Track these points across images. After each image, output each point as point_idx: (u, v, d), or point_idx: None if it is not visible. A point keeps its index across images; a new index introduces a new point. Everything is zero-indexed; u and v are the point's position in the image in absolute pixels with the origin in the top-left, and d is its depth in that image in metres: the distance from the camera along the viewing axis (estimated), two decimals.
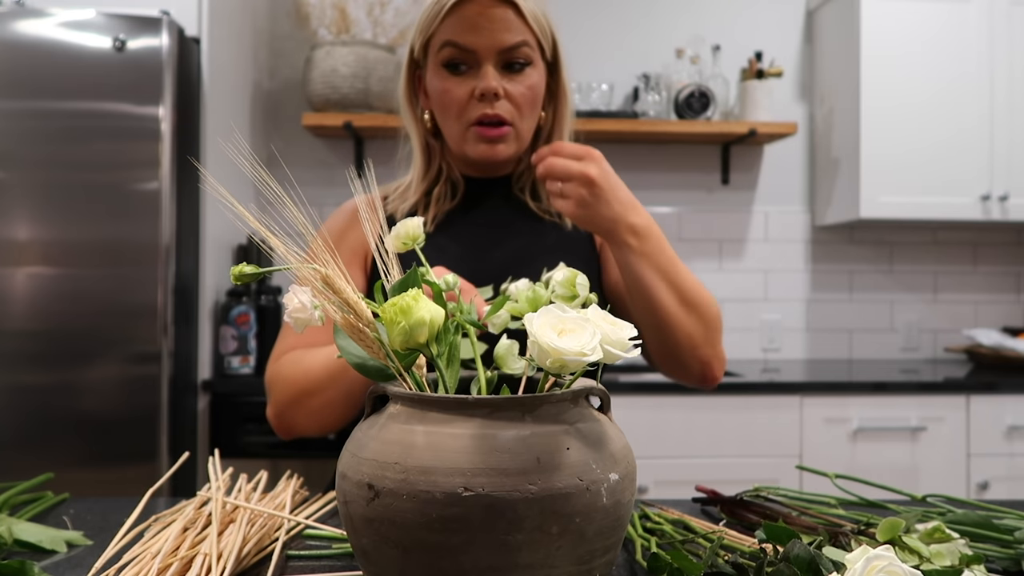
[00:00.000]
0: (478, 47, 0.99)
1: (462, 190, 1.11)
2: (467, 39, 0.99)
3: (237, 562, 0.65)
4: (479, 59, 1.00)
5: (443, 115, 1.05)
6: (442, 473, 0.48)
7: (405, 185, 1.12)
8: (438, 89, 1.03)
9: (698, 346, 0.98)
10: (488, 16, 0.98)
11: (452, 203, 1.10)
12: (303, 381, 0.96)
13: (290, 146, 2.69)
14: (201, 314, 2.11)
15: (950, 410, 2.23)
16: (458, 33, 0.99)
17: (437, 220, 1.09)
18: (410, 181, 1.12)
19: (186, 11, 2.05)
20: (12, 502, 0.85)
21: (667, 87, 2.64)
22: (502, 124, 1.02)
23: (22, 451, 1.84)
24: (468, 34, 0.99)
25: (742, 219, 2.83)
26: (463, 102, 1.01)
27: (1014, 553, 0.69)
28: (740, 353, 2.81)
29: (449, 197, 1.10)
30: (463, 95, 1.01)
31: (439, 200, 1.09)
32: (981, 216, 2.51)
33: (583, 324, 0.51)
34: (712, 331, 0.99)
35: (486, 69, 1.00)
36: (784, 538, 0.61)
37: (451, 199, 1.10)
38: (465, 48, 0.99)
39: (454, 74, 1.01)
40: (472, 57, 1.00)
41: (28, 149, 1.87)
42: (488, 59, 1.00)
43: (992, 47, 2.51)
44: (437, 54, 1.02)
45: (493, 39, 0.99)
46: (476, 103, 1.01)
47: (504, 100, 1.01)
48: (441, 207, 1.09)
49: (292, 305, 0.54)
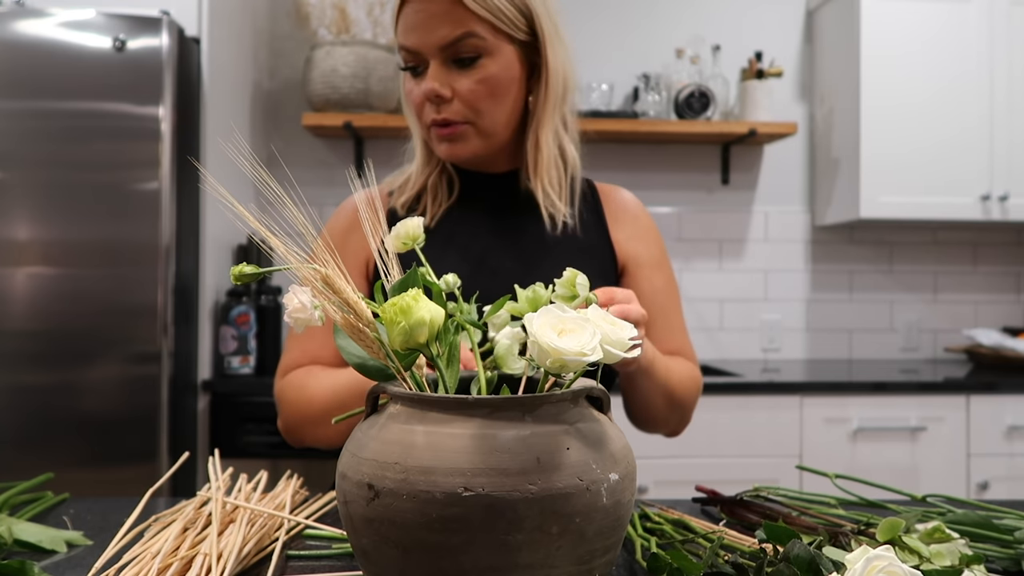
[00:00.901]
0: (419, 46, 0.96)
1: (458, 186, 1.08)
2: (410, 40, 0.97)
3: (237, 562, 0.65)
4: (425, 59, 0.98)
5: (410, 117, 1.05)
6: (442, 473, 0.48)
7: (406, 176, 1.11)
8: (404, 91, 1.03)
9: (674, 431, 1.11)
10: (427, 12, 0.95)
11: (451, 199, 1.08)
12: (307, 411, 0.99)
13: (290, 146, 2.69)
14: (201, 314, 2.12)
15: (950, 410, 2.23)
16: (404, 35, 0.97)
17: (438, 217, 1.06)
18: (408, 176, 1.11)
19: (186, 11, 2.05)
20: (12, 502, 0.85)
21: (667, 87, 2.64)
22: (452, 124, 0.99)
23: (22, 451, 1.84)
24: (411, 34, 0.96)
25: (742, 219, 2.83)
26: (417, 104, 1.00)
27: (1014, 553, 0.69)
28: (740, 353, 2.81)
29: (447, 192, 1.08)
30: (416, 97, 1.00)
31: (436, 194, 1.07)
32: (981, 216, 2.51)
33: (583, 324, 0.51)
34: (688, 416, 1.10)
35: (431, 70, 0.97)
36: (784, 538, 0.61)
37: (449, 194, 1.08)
38: (410, 50, 0.97)
39: (413, 75, 1.00)
40: (420, 57, 0.98)
41: (28, 149, 1.87)
42: (433, 57, 0.97)
43: (992, 47, 2.51)
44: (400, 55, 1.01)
45: (430, 36, 0.95)
46: (429, 105, 0.99)
47: (455, 100, 0.98)
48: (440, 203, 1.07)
49: (292, 305, 0.54)
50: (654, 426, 1.08)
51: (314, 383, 0.99)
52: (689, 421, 1.10)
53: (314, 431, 0.99)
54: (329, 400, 0.96)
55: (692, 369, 1.09)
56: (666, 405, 1.03)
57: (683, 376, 1.05)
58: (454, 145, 1.00)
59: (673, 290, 1.13)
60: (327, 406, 0.96)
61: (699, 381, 1.10)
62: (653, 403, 1.02)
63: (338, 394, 0.94)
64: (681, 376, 1.04)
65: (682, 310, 1.15)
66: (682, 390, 1.04)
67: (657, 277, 1.11)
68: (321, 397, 0.97)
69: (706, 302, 2.80)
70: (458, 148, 1.00)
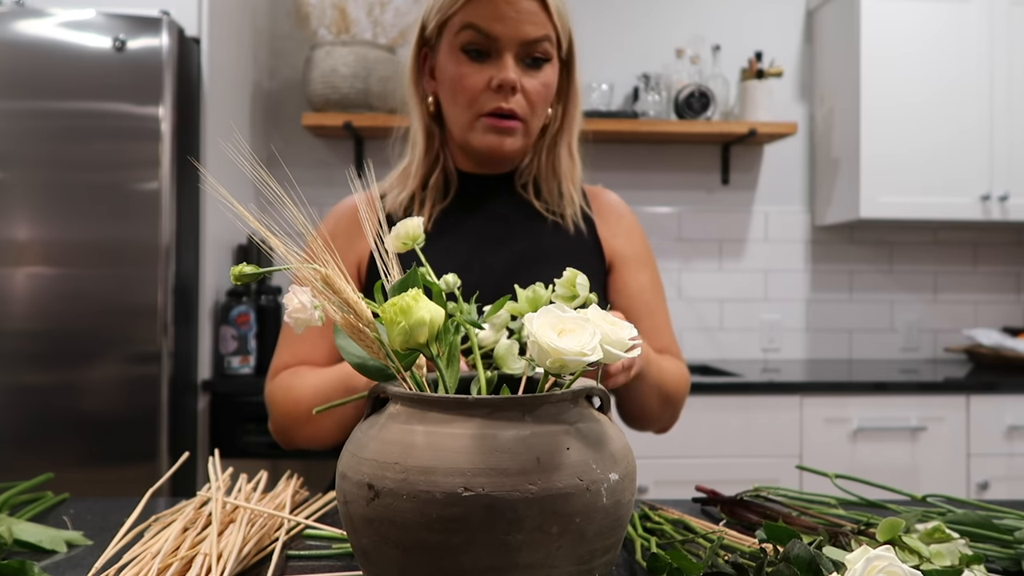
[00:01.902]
0: (501, 35, 0.96)
1: (456, 185, 1.08)
2: (491, 25, 0.96)
3: (237, 562, 0.65)
4: (500, 48, 0.97)
5: (452, 100, 1.01)
6: (442, 473, 0.48)
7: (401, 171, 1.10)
8: (452, 73, 1.00)
9: (665, 427, 1.13)
10: (515, 5, 0.96)
11: (446, 200, 1.07)
12: (293, 412, 0.99)
13: (290, 146, 2.69)
14: (201, 314, 2.12)
15: (950, 410, 2.23)
16: (482, 18, 0.96)
17: (434, 217, 1.06)
18: (407, 166, 1.09)
19: (186, 11, 2.05)
20: (12, 502, 0.85)
21: (667, 87, 2.64)
22: (513, 118, 1.00)
23: (22, 451, 1.84)
24: (493, 21, 0.96)
25: (742, 219, 2.83)
26: (477, 90, 0.99)
27: (1014, 553, 0.69)
28: (740, 353, 2.81)
29: (443, 191, 1.07)
30: (478, 83, 0.98)
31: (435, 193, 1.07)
32: (981, 216, 2.51)
33: (583, 324, 0.51)
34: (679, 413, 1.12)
35: (506, 59, 0.97)
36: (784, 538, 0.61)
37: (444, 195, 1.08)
38: (488, 34, 0.97)
39: (472, 60, 0.99)
40: (493, 45, 0.97)
41: (28, 149, 1.87)
42: (509, 49, 0.97)
43: (992, 47, 2.51)
44: (456, 36, 0.98)
45: (517, 30, 0.96)
46: (491, 94, 0.98)
47: (519, 95, 0.99)
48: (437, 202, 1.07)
49: (292, 305, 0.54)
50: (647, 424, 1.11)
51: (299, 383, 0.99)
52: (678, 418, 1.13)
53: (303, 431, 1.00)
54: (314, 398, 0.96)
55: (681, 367, 1.12)
56: (660, 405, 1.05)
57: (675, 375, 1.07)
58: (504, 138, 1.01)
59: (658, 288, 1.15)
60: (312, 405, 0.95)
61: (688, 378, 1.13)
62: (648, 404, 1.04)
63: (324, 392, 0.95)
64: (673, 375, 1.06)
65: (667, 308, 1.16)
66: (675, 389, 1.07)
67: (643, 274, 1.13)
68: (307, 396, 0.97)
69: (706, 302, 2.80)
70: (507, 142, 1.01)
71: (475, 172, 1.09)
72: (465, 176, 1.09)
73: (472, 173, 1.09)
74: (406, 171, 1.09)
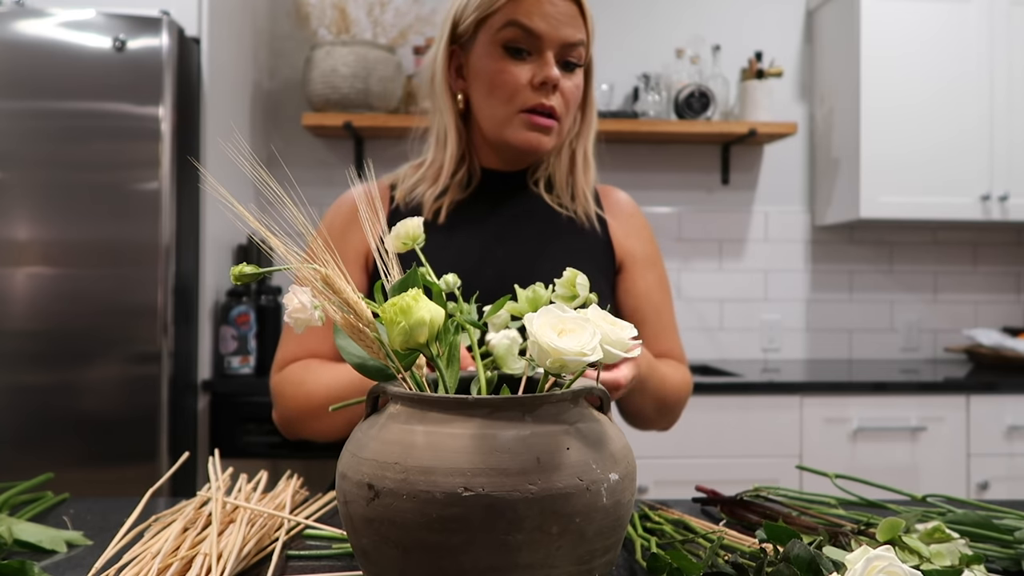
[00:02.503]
0: (544, 34, 0.98)
1: (477, 180, 1.09)
2: (537, 24, 0.97)
3: (237, 562, 0.65)
4: (541, 47, 0.98)
5: (489, 97, 1.01)
6: (442, 473, 0.48)
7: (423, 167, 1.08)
8: (491, 69, 1.00)
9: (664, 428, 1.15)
10: (557, 7, 0.98)
11: (465, 194, 1.08)
12: (305, 406, 1.00)
13: (290, 146, 2.69)
14: (201, 314, 2.12)
15: (950, 410, 2.23)
16: (527, 16, 0.97)
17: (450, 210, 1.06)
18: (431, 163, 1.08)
19: (186, 11, 2.05)
20: (12, 502, 0.85)
21: (667, 87, 2.64)
22: (552, 116, 1.01)
23: (22, 451, 1.84)
24: (538, 19, 0.97)
25: (742, 219, 2.83)
26: (518, 87, 0.99)
27: (1014, 553, 0.69)
28: (740, 353, 2.81)
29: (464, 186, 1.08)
30: (520, 80, 0.99)
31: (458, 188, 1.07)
32: (981, 216, 2.51)
33: (583, 324, 0.51)
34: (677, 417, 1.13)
35: (547, 57, 0.98)
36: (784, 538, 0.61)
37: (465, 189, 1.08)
38: (532, 32, 0.97)
39: (514, 57, 0.99)
40: (535, 43, 0.98)
41: (28, 149, 1.87)
42: (550, 48, 0.99)
43: (992, 47, 2.51)
44: (497, 33, 0.99)
45: (559, 30, 0.98)
46: (532, 91, 0.99)
47: (558, 93, 1.00)
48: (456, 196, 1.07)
49: (292, 305, 0.54)
50: (645, 426, 1.13)
51: (312, 378, 1.00)
52: (678, 419, 1.14)
53: (312, 425, 1.01)
54: (328, 396, 0.96)
55: (683, 372, 1.13)
56: (656, 412, 1.07)
57: (675, 383, 1.08)
58: (543, 136, 1.02)
59: (666, 289, 1.15)
60: (326, 402, 0.96)
61: (690, 383, 1.14)
62: (644, 410, 1.06)
63: (338, 391, 0.95)
64: (673, 383, 1.08)
65: (673, 309, 1.17)
66: (674, 397, 1.08)
67: (650, 275, 1.13)
68: (320, 393, 0.98)
69: (706, 302, 2.80)
70: (544, 140, 1.02)
71: (497, 169, 1.10)
72: (486, 172, 1.10)
73: (494, 170, 1.10)
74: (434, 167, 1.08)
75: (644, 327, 1.11)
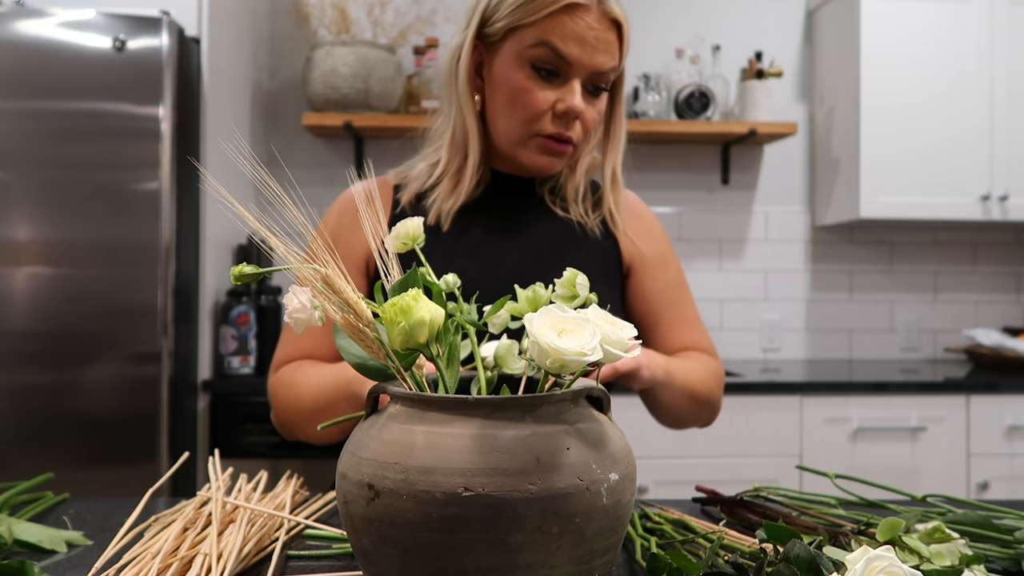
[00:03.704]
0: (576, 61, 0.94)
1: (486, 181, 1.06)
2: (571, 49, 0.93)
3: (237, 562, 0.65)
4: (570, 73, 0.95)
5: (508, 111, 0.98)
6: (442, 473, 0.48)
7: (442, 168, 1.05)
8: (515, 86, 0.96)
9: (706, 423, 1.13)
10: (596, 33, 0.93)
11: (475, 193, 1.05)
12: (295, 408, 0.99)
13: (290, 146, 2.69)
14: (201, 314, 2.11)
15: (950, 410, 2.23)
16: (562, 39, 0.93)
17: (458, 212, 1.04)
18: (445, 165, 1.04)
19: (186, 11, 2.05)
20: (12, 502, 0.85)
21: (667, 87, 2.64)
22: (569, 143, 0.99)
23: (22, 451, 1.84)
24: (573, 44, 0.93)
25: (742, 219, 2.83)
26: (540, 111, 0.96)
27: (1014, 553, 0.69)
28: (740, 353, 2.81)
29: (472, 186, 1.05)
30: (543, 104, 0.96)
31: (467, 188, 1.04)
32: (981, 216, 2.51)
33: (583, 324, 0.51)
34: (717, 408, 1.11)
35: (574, 85, 0.95)
36: (784, 538, 0.61)
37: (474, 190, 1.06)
38: (564, 57, 0.93)
39: (539, 77, 0.95)
40: (565, 68, 0.95)
41: (28, 149, 1.87)
42: (579, 75, 0.95)
43: (992, 47, 2.51)
44: (527, 48, 0.94)
45: (593, 59, 0.94)
46: (553, 117, 0.96)
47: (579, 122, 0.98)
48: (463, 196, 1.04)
49: (292, 305, 0.54)
50: (685, 424, 1.11)
51: (302, 380, 0.99)
52: (719, 410, 1.12)
53: (303, 428, 1.00)
54: (314, 398, 0.96)
55: (711, 362, 1.10)
56: (692, 406, 1.05)
57: (703, 374, 1.06)
58: (556, 159, 1.01)
59: (682, 284, 1.14)
60: (312, 404, 0.96)
61: (720, 372, 1.11)
62: (679, 407, 1.04)
63: (322, 393, 0.95)
64: (701, 375, 1.05)
65: (694, 303, 1.15)
66: (705, 388, 1.06)
67: (662, 274, 1.12)
68: (308, 396, 0.97)
69: (706, 302, 2.80)
70: (556, 163, 1.02)
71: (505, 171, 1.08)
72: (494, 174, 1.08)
73: (502, 172, 1.08)
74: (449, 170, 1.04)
75: (659, 326, 1.10)
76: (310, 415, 0.96)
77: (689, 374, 1.02)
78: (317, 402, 0.95)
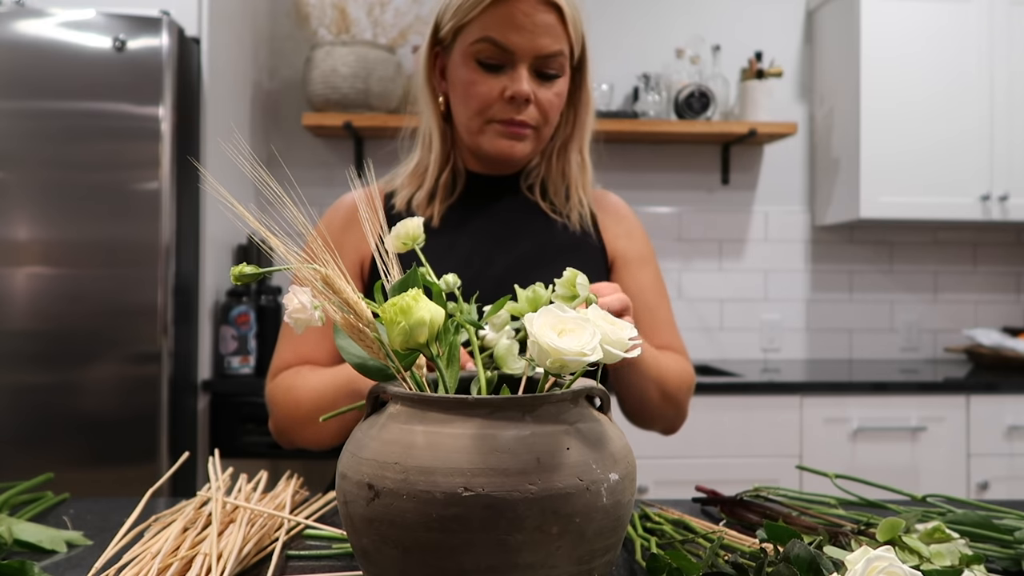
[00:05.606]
0: (517, 48, 0.96)
1: (463, 183, 1.08)
2: (508, 38, 0.96)
3: (237, 562, 0.65)
4: (515, 60, 0.97)
5: (463, 106, 1.02)
6: (442, 473, 0.48)
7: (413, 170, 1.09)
8: (463, 80, 1.00)
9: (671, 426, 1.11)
10: (533, 19, 0.96)
11: (453, 197, 1.08)
12: (295, 413, 0.99)
13: (290, 146, 2.69)
14: (201, 314, 2.11)
15: (950, 410, 2.23)
16: (499, 30, 0.96)
17: (441, 214, 1.06)
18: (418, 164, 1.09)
19: (186, 11, 2.05)
20: (12, 502, 0.85)
21: (667, 87, 2.64)
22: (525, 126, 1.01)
23: (22, 451, 1.84)
24: (510, 33, 0.95)
25: (742, 219, 2.83)
26: (489, 100, 0.99)
27: (1014, 553, 0.69)
28: (740, 353, 2.81)
29: (450, 189, 1.08)
30: (491, 93, 0.98)
31: (444, 191, 1.07)
32: (981, 216, 2.51)
33: (583, 324, 0.51)
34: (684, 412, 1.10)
35: (520, 72, 0.97)
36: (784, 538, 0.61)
37: (452, 192, 1.08)
38: (504, 47, 0.96)
39: (486, 71, 0.98)
40: (508, 57, 0.97)
41: (28, 149, 1.87)
42: (523, 61, 0.97)
43: (992, 47, 2.51)
44: (470, 46, 0.98)
45: (534, 43, 0.96)
46: (503, 104, 0.99)
47: (532, 106, 0.99)
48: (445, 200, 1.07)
49: (292, 305, 0.54)
50: (651, 421, 1.09)
51: (301, 383, 0.99)
52: (685, 418, 1.11)
53: (303, 432, 1.00)
54: (314, 401, 0.96)
55: (682, 362, 1.10)
56: (660, 398, 1.04)
57: (674, 368, 1.06)
58: (516, 143, 1.02)
59: (660, 287, 1.15)
60: (312, 407, 0.96)
61: (691, 376, 1.11)
62: (647, 396, 1.03)
63: (323, 394, 0.95)
64: (672, 368, 1.05)
65: (671, 307, 1.16)
66: (675, 382, 1.05)
67: (642, 274, 1.13)
68: (307, 398, 0.97)
69: (706, 302, 2.80)
70: (518, 147, 1.02)
71: (483, 172, 1.10)
72: (473, 176, 1.10)
73: (480, 173, 1.10)
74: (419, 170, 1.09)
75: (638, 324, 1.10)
76: (310, 416, 0.96)
77: (661, 362, 1.03)
78: (317, 403, 0.95)
